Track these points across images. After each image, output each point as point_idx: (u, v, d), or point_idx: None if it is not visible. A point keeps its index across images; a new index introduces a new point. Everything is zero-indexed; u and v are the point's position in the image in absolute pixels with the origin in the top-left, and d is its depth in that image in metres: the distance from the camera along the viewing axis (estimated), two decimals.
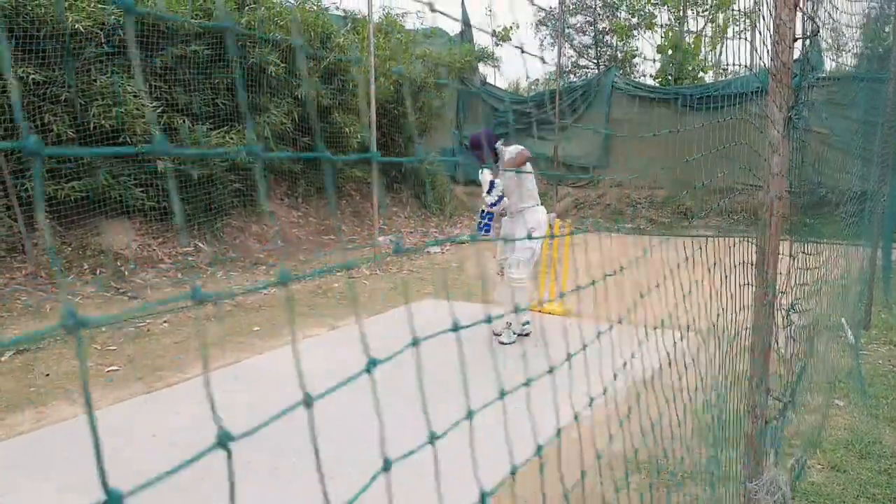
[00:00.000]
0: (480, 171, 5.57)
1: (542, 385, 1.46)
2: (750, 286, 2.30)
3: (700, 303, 2.19)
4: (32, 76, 6.80)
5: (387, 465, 0.87)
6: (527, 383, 1.32)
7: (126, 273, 7.39)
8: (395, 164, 12.62)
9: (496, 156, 5.48)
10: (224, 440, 0.63)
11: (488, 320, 1.09)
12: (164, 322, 6.17)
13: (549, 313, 6.41)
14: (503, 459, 1.41)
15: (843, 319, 5.28)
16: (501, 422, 1.32)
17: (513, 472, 1.12)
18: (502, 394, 1.26)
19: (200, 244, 8.51)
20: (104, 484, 0.54)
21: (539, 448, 1.30)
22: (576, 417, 1.43)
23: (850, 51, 4.81)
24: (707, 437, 2.79)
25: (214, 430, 0.79)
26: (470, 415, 1.19)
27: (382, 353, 1.13)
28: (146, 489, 0.58)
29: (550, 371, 1.41)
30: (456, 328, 0.98)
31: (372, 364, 0.86)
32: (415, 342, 0.95)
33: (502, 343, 5.50)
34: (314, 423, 0.84)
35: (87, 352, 5.33)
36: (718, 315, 2.32)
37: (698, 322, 2.22)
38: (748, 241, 2.34)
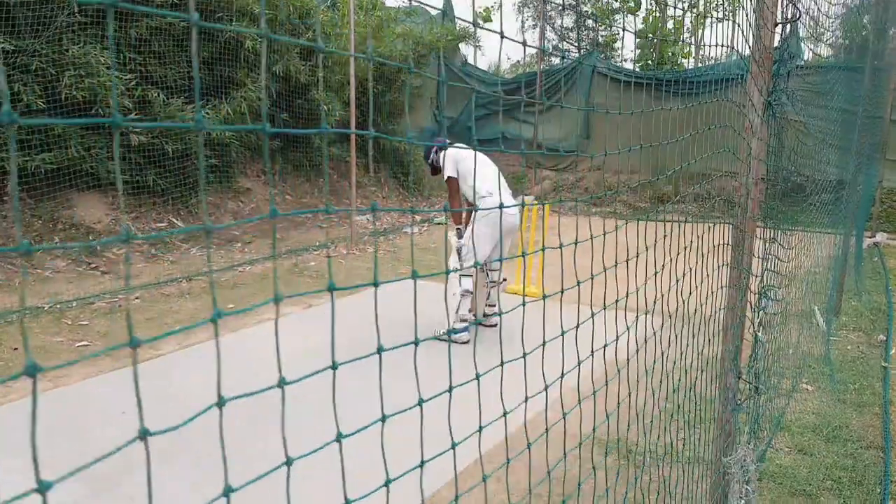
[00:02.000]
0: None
1: (514, 368, 1.45)
2: (724, 269, 2.31)
3: (673, 286, 2.20)
4: (1, 45, 6.62)
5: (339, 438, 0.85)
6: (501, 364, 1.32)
7: (98, 248, 7.27)
8: (374, 143, 12.52)
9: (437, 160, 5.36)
10: (144, 434, 0.62)
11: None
12: (136, 298, 6.09)
13: (525, 295, 6.42)
14: (472, 442, 1.40)
15: (814, 306, 5.36)
16: (471, 404, 1.31)
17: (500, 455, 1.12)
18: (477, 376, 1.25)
19: (174, 220, 8.40)
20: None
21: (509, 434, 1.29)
22: (544, 398, 1.43)
23: (828, 41, 4.84)
24: (678, 419, 2.81)
25: (186, 406, 0.76)
26: (450, 389, 1.18)
27: (357, 333, 1.11)
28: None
29: (523, 356, 1.40)
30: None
31: (333, 368, 0.84)
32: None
33: (489, 325, 5.52)
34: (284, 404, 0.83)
35: (58, 326, 5.25)
36: (690, 297, 2.33)
37: (670, 305, 2.22)
38: (723, 225, 2.35)
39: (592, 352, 1.71)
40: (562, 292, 1.53)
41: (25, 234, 6.97)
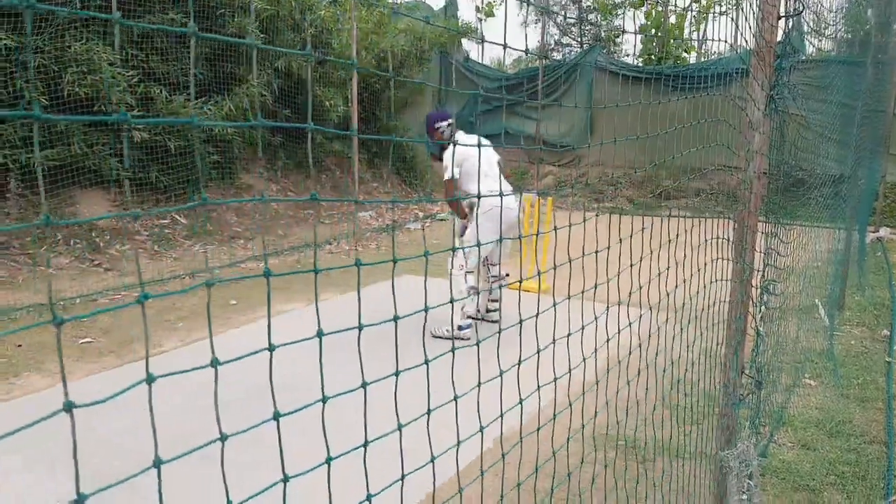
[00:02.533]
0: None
1: (515, 361, 1.46)
2: (727, 264, 2.30)
3: (675, 281, 2.20)
4: (4, 41, 6.63)
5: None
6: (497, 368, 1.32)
7: (101, 244, 7.29)
8: (376, 139, 12.53)
9: (440, 136, 5.26)
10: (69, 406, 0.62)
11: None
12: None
13: (528, 290, 6.42)
14: (476, 437, 1.41)
15: (817, 300, 5.35)
16: (473, 399, 1.31)
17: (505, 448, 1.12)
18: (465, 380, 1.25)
19: (177, 216, 8.41)
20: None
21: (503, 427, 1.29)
22: (537, 394, 1.43)
23: (831, 35, 4.82)
24: (680, 414, 2.81)
25: (188, 403, 0.77)
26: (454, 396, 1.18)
27: (353, 326, 1.12)
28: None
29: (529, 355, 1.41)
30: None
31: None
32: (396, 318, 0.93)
33: (494, 321, 5.52)
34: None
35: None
36: (692, 292, 2.32)
37: (672, 300, 2.22)
38: (725, 220, 2.34)
39: (595, 349, 1.72)
40: (561, 289, 1.53)
41: (27, 231, 6.99)
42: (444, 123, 5.23)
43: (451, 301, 1.28)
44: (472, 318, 5.46)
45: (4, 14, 6.76)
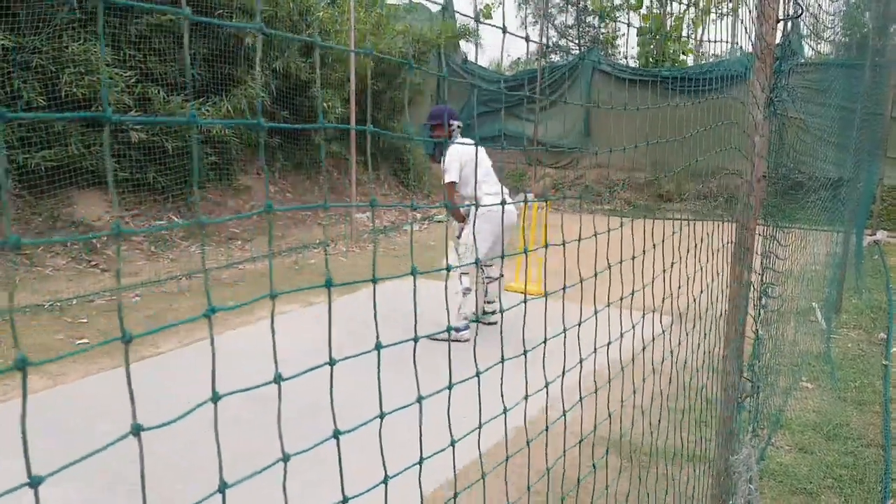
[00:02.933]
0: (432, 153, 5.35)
1: (518, 365, 1.45)
2: (727, 267, 2.30)
3: (676, 285, 2.19)
4: (2, 42, 6.61)
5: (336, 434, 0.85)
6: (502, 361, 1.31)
7: (98, 245, 7.27)
8: (374, 141, 12.51)
9: (445, 132, 5.23)
10: (136, 430, 0.63)
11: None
12: (136, 296, 6.09)
13: (526, 293, 6.41)
14: (484, 437, 1.40)
15: (814, 303, 5.36)
16: (475, 401, 1.31)
17: (512, 448, 1.12)
18: (479, 373, 1.25)
19: (174, 217, 8.40)
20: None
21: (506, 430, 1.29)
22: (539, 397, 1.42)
23: (829, 38, 4.83)
24: (680, 417, 2.81)
25: (187, 404, 0.76)
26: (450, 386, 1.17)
27: (354, 329, 1.11)
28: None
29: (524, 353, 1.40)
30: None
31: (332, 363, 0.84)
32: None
33: (491, 323, 5.49)
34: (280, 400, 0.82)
35: (58, 324, 5.25)
36: (692, 295, 2.32)
37: (673, 303, 2.22)
38: (725, 223, 2.34)
39: (607, 345, 1.71)
40: (562, 290, 1.52)
41: (25, 231, 6.97)
42: (457, 123, 5.26)
43: (447, 308, 1.28)
44: (467, 320, 5.46)
45: (2, 14, 6.75)
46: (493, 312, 5.56)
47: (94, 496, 2.96)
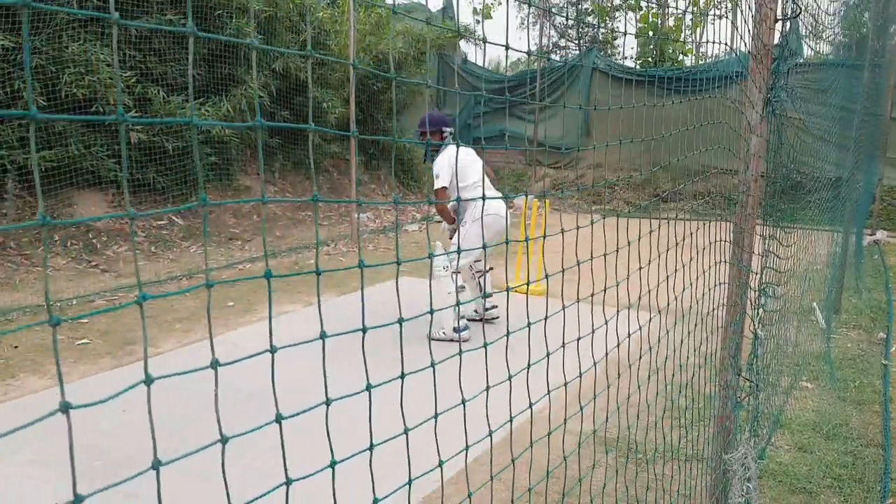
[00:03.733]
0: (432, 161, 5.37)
1: (516, 364, 1.46)
2: (724, 266, 2.31)
3: (673, 284, 2.20)
4: (1, 42, 6.62)
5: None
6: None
7: (98, 246, 7.27)
8: (374, 141, 12.52)
9: (442, 138, 5.27)
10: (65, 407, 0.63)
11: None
12: (136, 296, 6.09)
13: (526, 293, 6.42)
14: (478, 435, 1.41)
15: (814, 303, 5.36)
16: (474, 401, 1.31)
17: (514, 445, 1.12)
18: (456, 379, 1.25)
19: (174, 217, 8.40)
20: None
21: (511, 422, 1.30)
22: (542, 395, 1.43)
23: (828, 38, 4.83)
24: (678, 417, 2.81)
25: (187, 404, 0.77)
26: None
27: (352, 328, 1.12)
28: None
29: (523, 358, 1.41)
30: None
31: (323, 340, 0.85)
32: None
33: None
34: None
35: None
36: (690, 295, 2.33)
37: (670, 302, 2.23)
38: (723, 223, 2.35)
39: (607, 346, 1.72)
40: (558, 293, 1.53)
41: (25, 231, 6.98)
42: (449, 130, 5.32)
43: (431, 310, 1.28)
44: (473, 320, 5.50)
45: (1, 15, 6.75)
46: (495, 307, 5.61)
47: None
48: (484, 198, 1.30)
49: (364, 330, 1.06)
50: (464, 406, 1.29)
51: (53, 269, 6.60)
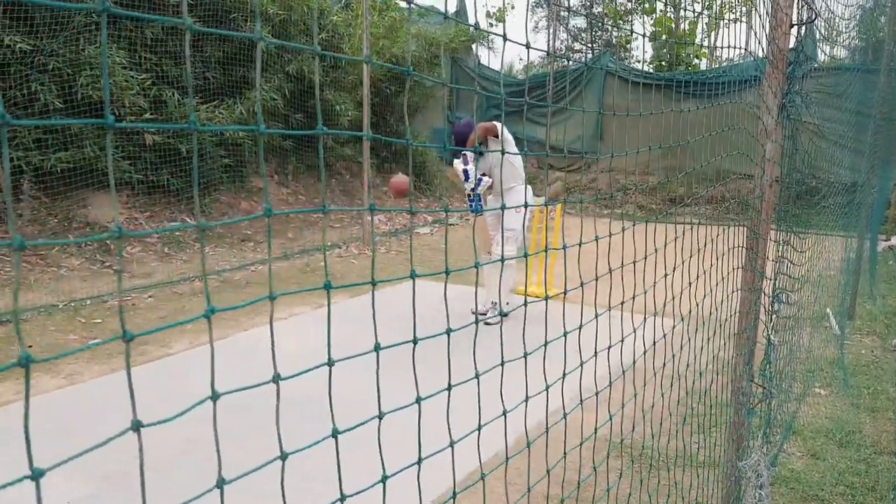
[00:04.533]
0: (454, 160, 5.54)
1: (530, 368, 1.45)
2: (738, 272, 2.30)
3: (687, 289, 2.19)
4: (19, 45, 6.68)
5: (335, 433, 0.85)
6: (506, 361, 1.32)
7: (112, 246, 7.33)
8: (387, 144, 12.54)
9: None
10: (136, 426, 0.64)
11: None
12: (149, 297, 6.13)
13: (538, 296, 6.41)
14: (489, 439, 1.40)
15: (828, 309, 5.32)
16: (487, 403, 1.31)
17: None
18: (477, 375, 1.25)
19: (187, 219, 8.45)
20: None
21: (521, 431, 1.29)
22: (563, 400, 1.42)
23: (843, 42, 4.80)
24: (691, 423, 2.80)
25: (197, 405, 0.77)
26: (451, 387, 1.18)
27: (364, 332, 1.12)
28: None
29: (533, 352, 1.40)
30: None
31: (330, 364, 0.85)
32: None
33: (488, 324, 5.49)
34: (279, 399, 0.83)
35: (72, 324, 5.30)
36: (703, 300, 2.32)
37: (685, 308, 2.22)
38: (738, 228, 2.34)
39: (597, 352, 1.71)
40: (573, 296, 1.52)
41: (41, 232, 7.04)
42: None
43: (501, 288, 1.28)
44: (480, 315, 5.56)
45: (20, 17, 6.82)
46: (507, 303, 5.68)
47: (94, 491, 2.99)
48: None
49: (415, 341, 1.07)
50: (504, 417, 1.29)
51: (68, 270, 6.65)
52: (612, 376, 1.68)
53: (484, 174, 5.46)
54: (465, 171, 5.33)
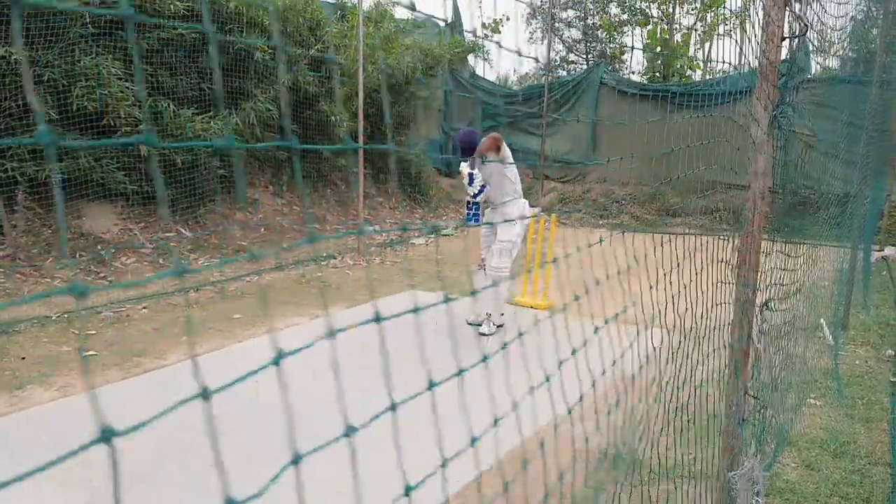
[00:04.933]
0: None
1: (521, 379, 1.46)
2: (729, 284, 2.30)
3: (679, 301, 2.20)
4: (14, 56, 6.69)
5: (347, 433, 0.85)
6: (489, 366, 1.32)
7: (106, 257, 7.31)
8: (382, 155, 12.55)
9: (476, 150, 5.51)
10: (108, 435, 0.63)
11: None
12: (144, 308, 6.12)
13: (532, 307, 6.42)
14: (485, 452, 1.40)
15: (822, 320, 5.34)
16: (483, 415, 1.31)
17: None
18: (460, 375, 1.25)
19: (182, 229, 8.44)
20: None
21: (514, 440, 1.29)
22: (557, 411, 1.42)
23: (836, 53, 4.84)
24: (684, 434, 2.80)
25: (189, 417, 0.77)
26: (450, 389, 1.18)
27: (358, 343, 1.12)
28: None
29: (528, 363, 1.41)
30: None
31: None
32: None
33: (482, 334, 5.50)
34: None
35: (65, 335, 5.28)
36: (696, 311, 2.32)
37: (676, 320, 2.22)
38: (730, 238, 2.35)
39: (591, 368, 1.71)
40: (566, 307, 1.53)
41: (35, 243, 7.02)
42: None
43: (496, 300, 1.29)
44: (472, 324, 5.67)
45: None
46: (502, 314, 5.71)
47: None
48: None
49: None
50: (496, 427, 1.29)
51: (62, 281, 6.63)
52: (606, 388, 1.68)
53: (485, 184, 5.50)
54: (471, 175, 5.37)
